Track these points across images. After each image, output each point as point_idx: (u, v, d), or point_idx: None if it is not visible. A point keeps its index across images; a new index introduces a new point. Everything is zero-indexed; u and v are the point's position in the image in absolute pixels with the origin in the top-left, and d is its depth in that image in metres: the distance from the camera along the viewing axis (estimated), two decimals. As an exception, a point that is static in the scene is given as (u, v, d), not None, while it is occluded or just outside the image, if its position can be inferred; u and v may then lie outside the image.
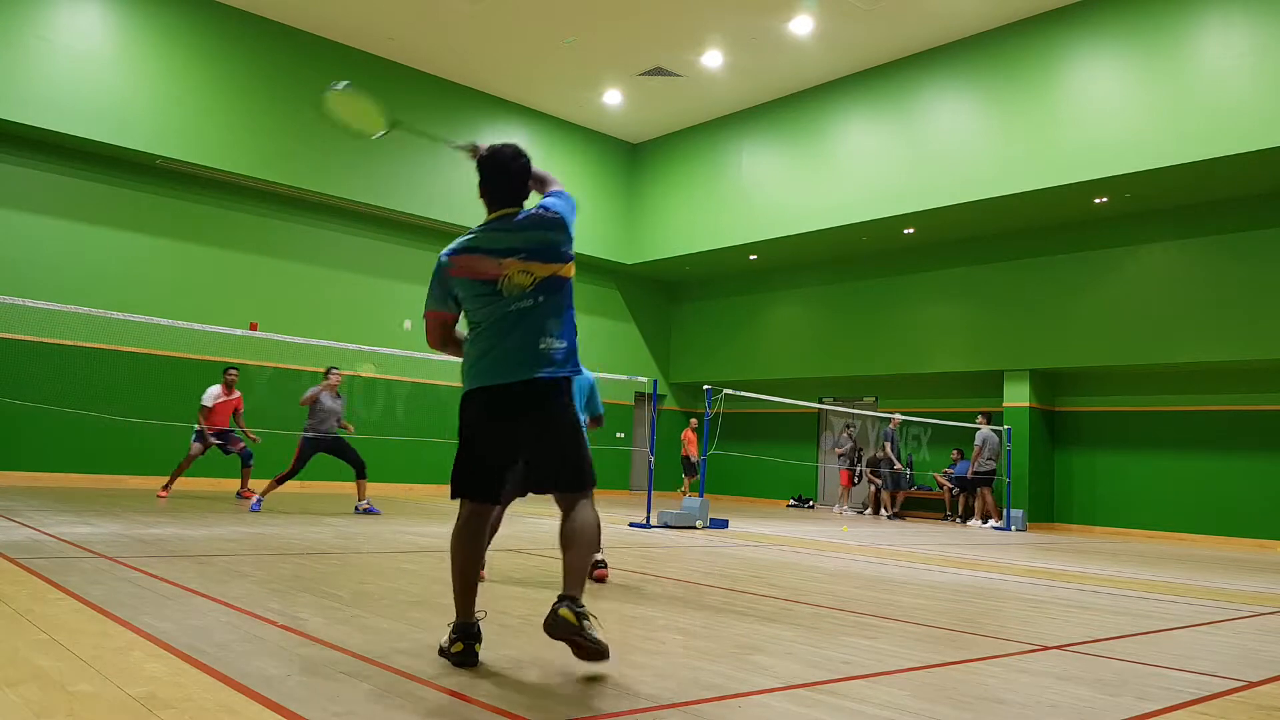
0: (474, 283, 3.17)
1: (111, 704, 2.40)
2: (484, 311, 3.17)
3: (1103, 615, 5.12)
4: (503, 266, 3.15)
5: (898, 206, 14.31)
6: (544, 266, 3.20)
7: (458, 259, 3.19)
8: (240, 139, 13.62)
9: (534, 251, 3.19)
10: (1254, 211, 12.66)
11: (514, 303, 3.15)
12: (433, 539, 7.52)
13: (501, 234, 3.21)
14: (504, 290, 3.15)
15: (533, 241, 3.20)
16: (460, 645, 3.07)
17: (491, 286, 3.16)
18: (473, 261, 3.17)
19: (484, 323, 3.18)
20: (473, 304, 3.20)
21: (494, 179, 3.32)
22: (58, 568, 4.73)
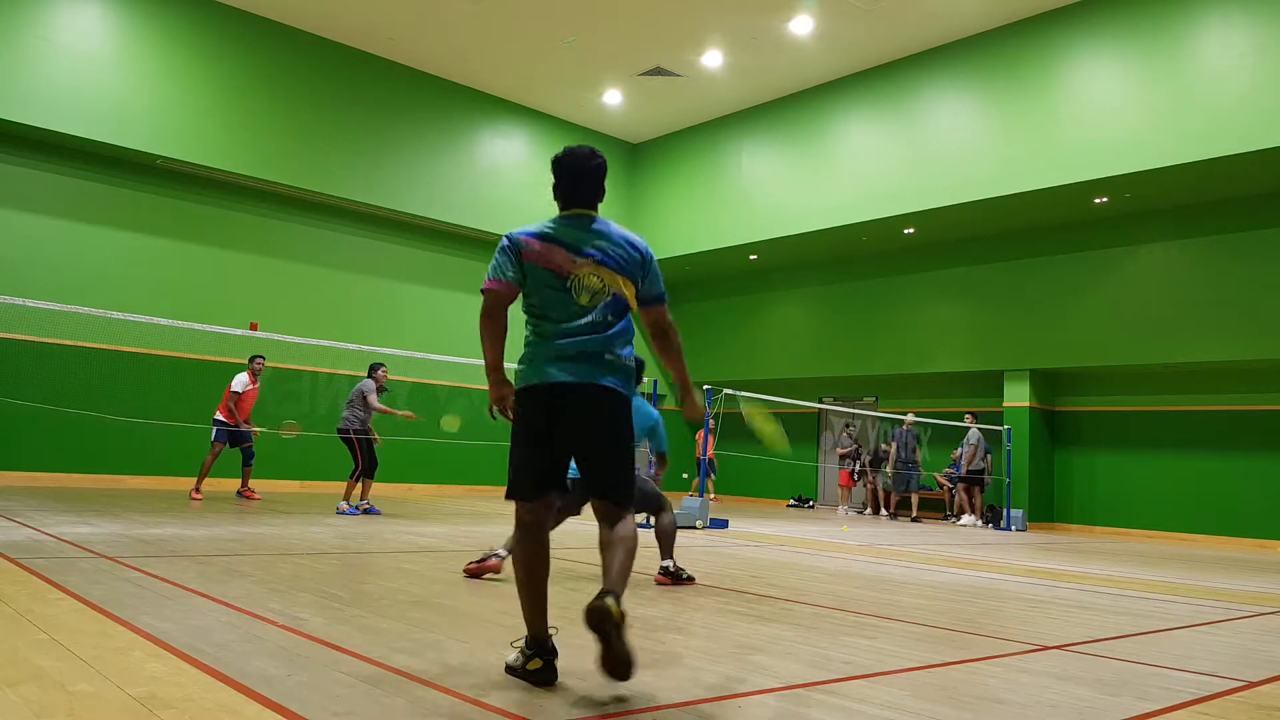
0: (546, 272, 3.11)
1: (111, 704, 2.40)
2: (547, 306, 3.12)
3: (1103, 615, 5.12)
4: (577, 265, 3.11)
5: (898, 206, 14.31)
6: (614, 276, 3.15)
7: (535, 243, 3.13)
8: (240, 139, 13.62)
9: (609, 261, 3.14)
10: (1254, 211, 12.66)
11: (584, 313, 3.11)
12: (433, 539, 7.53)
13: (580, 233, 3.16)
14: (572, 289, 3.11)
15: (612, 251, 3.16)
16: (539, 662, 2.95)
17: (562, 282, 3.11)
18: (550, 251, 3.12)
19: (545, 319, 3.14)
20: (539, 295, 3.13)
21: (569, 178, 3.24)
22: (58, 568, 4.73)
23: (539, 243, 3.13)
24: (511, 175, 16.83)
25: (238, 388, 10.79)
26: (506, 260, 3.14)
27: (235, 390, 10.77)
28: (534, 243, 3.13)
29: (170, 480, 12.96)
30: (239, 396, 10.76)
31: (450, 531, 8.31)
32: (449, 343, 15.69)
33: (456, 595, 4.58)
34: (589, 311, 3.11)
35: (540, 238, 3.14)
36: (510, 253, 3.14)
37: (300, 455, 13.75)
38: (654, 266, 3.28)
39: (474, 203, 16.18)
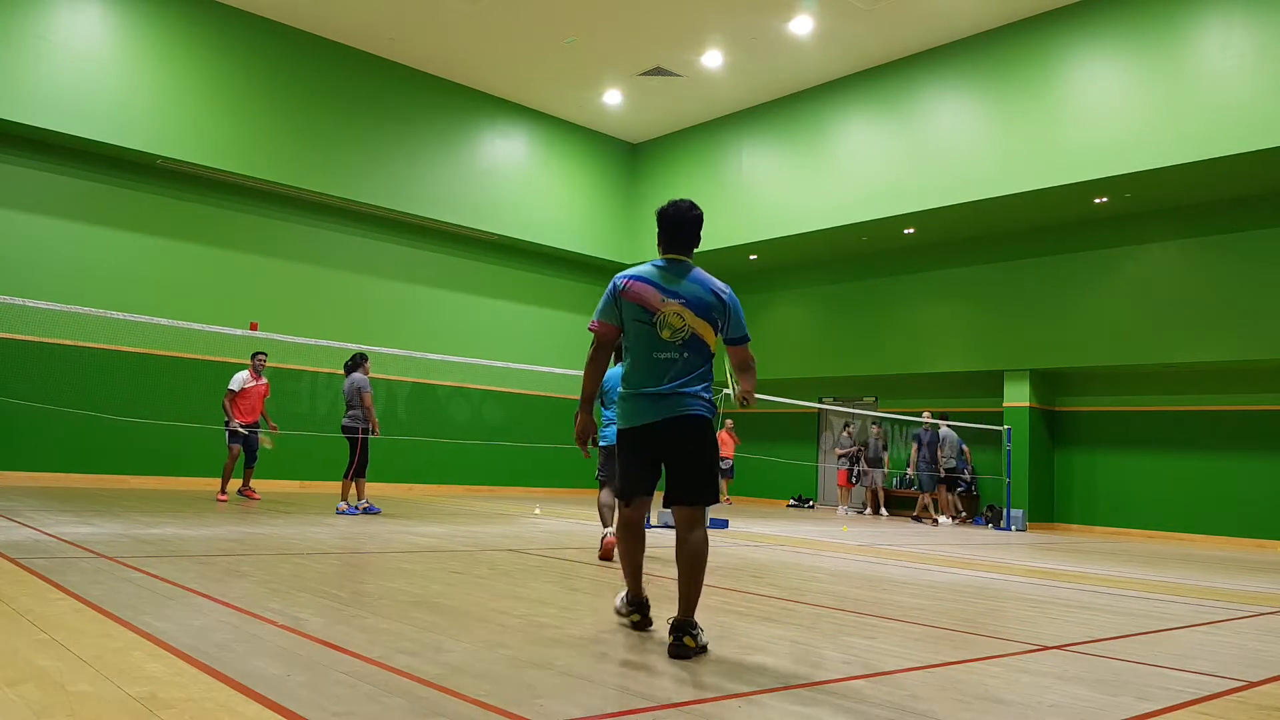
0: (637, 308, 3.64)
1: (111, 704, 2.40)
2: (636, 339, 3.65)
3: (1103, 615, 5.12)
4: (664, 304, 3.62)
5: (898, 206, 14.31)
6: (695, 318, 3.63)
7: (632, 284, 3.68)
8: (240, 139, 13.62)
9: (692, 303, 3.64)
10: (1254, 211, 12.66)
11: (665, 349, 3.61)
12: (433, 539, 7.52)
13: (672, 276, 3.70)
14: (657, 324, 3.61)
15: (695, 295, 3.66)
16: (637, 615, 3.87)
17: (649, 317, 3.61)
18: (643, 290, 3.65)
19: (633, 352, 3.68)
20: (631, 327, 3.66)
21: (671, 227, 3.80)
22: (58, 568, 4.73)
23: (636, 284, 3.68)
24: (511, 175, 16.83)
25: (235, 386, 10.80)
26: (609, 303, 3.72)
27: (232, 389, 10.79)
28: (631, 283, 3.69)
29: (170, 480, 12.97)
30: (235, 395, 10.76)
31: (450, 531, 8.31)
32: (449, 343, 15.70)
33: (456, 595, 4.58)
34: (670, 347, 3.60)
35: (637, 279, 3.70)
36: (612, 295, 3.72)
37: (300, 455, 13.75)
38: (735, 311, 3.75)
39: (474, 203, 16.18)
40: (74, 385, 12.15)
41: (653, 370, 3.60)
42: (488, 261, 16.97)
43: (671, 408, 3.56)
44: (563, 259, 18.06)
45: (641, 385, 3.61)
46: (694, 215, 3.82)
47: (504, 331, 16.92)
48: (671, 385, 3.58)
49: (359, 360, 10.31)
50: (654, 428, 3.58)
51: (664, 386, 3.57)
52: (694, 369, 3.61)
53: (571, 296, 18.31)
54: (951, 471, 14.81)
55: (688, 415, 3.56)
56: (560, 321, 17.98)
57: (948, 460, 14.80)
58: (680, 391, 3.57)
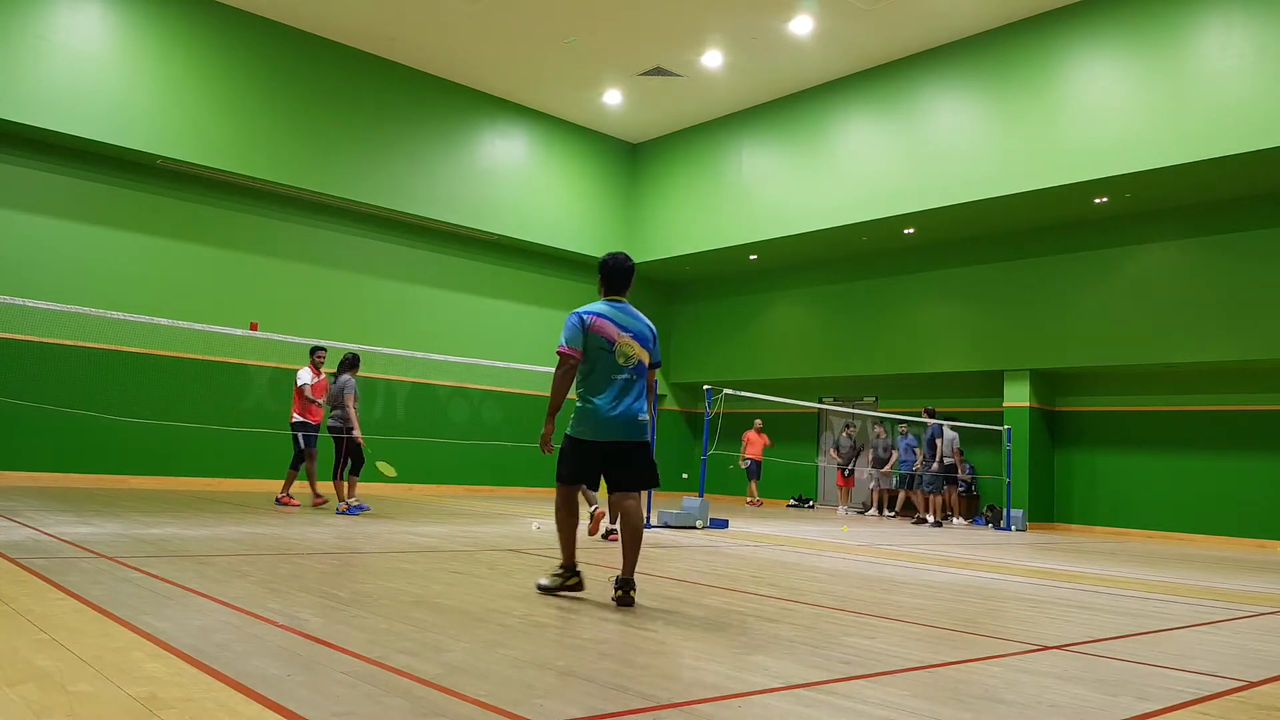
0: (600, 338, 4.63)
1: (111, 704, 2.40)
2: (598, 363, 4.62)
3: (1103, 615, 5.12)
4: (620, 336, 4.66)
5: (898, 206, 14.31)
6: (641, 350, 4.73)
7: (596, 319, 4.66)
8: (240, 139, 13.62)
9: (639, 336, 4.74)
10: (1254, 211, 12.66)
11: (621, 371, 4.64)
12: (433, 539, 7.52)
13: (624, 315, 4.76)
14: (616, 353, 4.63)
15: (638, 330, 4.77)
16: (575, 579, 4.74)
17: (610, 346, 4.63)
18: (605, 325, 4.66)
19: (594, 373, 4.63)
20: (594, 353, 4.62)
21: (612, 275, 4.84)
22: (58, 568, 4.73)
23: (598, 319, 4.66)
24: (511, 175, 16.83)
25: (306, 380, 10.37)
26: (577, 331, 4.62)
27: (305, 384, 10.36)
28: (595, 319, 4.66)
29: (170, 480, 12.97)
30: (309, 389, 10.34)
31: (450, 531, 8.31)
32: (450, 343, 15.70)
33: (456, 595, 4.58)
34: (625, 370, 4.64)
35: (599, 315, 4.68)
36: (580, 325, 4.63)
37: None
38: (658, 342, 4.86)
39: (474, 203, 16.18)
40: (74, 385, 12.15)
41: (613, 389, 4.61)
42: (488, 261, 16.97)
43: (629, 431, 4.61)
44: (563, 259, 18.06)
45: (605, 401, 4.59)
46: (630, 265, 4.87)
47: (504, 331, 16.92)
48: (627, 404, 4.61)
49: (350, 363, 10.19)
50: (609, 445, 4.61)
51: (622, 406, 4.60)
52: (641, 387, 4.71)
53: (571, 296, 18.29)
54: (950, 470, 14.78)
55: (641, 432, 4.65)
56: (560, 322, 17.94)
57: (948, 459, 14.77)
58: (634, 413, 4.64)
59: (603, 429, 4.59)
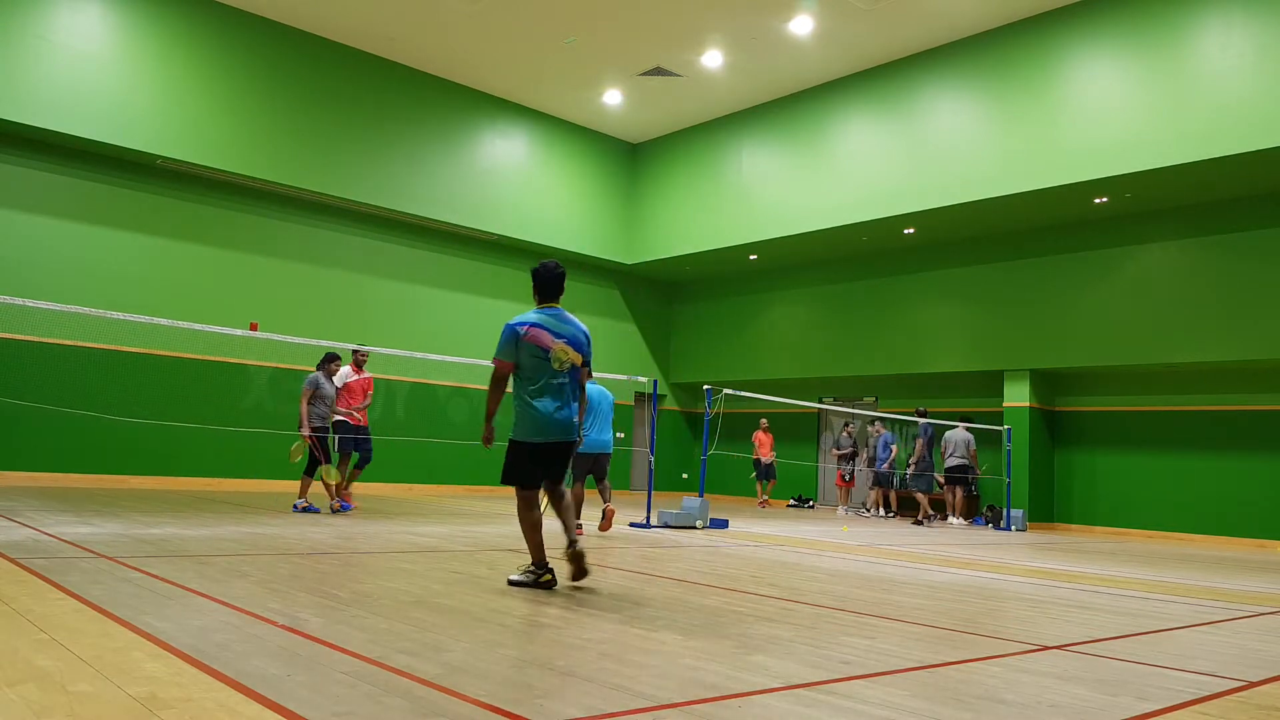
0: (534, 347, 4.91)
1: (111, 704, 2.40)
2: (535, 370, 4.92)
3: (1103, 615, 5.12)
4: (554, 343, 4.94)
5: (898, 206, 14.31)
6: (574, 354, 5.02)
7: (530, 329, 4.93)
8: (240, 139, 13.62)
9: (573, 341, 5.03)
10: (1254, 211, 12.66)
11: (557, 376, 4.95)
12: (433, 539, 7.52)
13: (557, 322, 5.02)
14: (552, 360, 4.92)
15: (572, 335, 5.04)
16: (547, 575, 4.95)
17: (545, 353, 4.91)
18: (539, 334, 4.93)
19: (533, 380, 4.93)
20: (529, 361, 4.92)
21: (547, 284, 5.11)
22: (58, 568, 4.73)
23: (533, 328, 4.92)
24: (511, 175, 16.83)
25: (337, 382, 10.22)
26: (510, 343, 4.93)
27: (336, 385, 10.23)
28: (529, 329, 4.92)
29: (170, 480, 12.97)
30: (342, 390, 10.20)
31: (450, 531, 8.31)
32: (450, 343, 15.70)
33: (456, 595, 4.58)
34: (560, 375, 4.95)
35: (533, 325, 4.94)
36: (513, 337, 4.92)
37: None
38: (590, 345, 5.20)
39: (474, 203, 16.19)
40: (74, 385, 12.15)
41: (551, 392, 4.93)
42: (488, 261, 16.97)
43: (566, 432, 4.99)
44: (563, 259, 18.06)
45: (546, 405, 4.91)
46: (560, 273, 5.15)
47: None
48: (566, 407, 4.97)
49: (322, 360, 9.94)
50: (553, 444, 4.97)
51: (563, 410, 4.95)
52: (574, 390, 5.06)
53: (571, 296, 18.29)
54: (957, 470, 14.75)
55: (573, 436, 5.04)
56: (560, 321, 17.96)
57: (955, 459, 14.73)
58: (571, 415, 5.01)
59: (546, 431, 4.92)
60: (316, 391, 9.72)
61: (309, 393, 9.70)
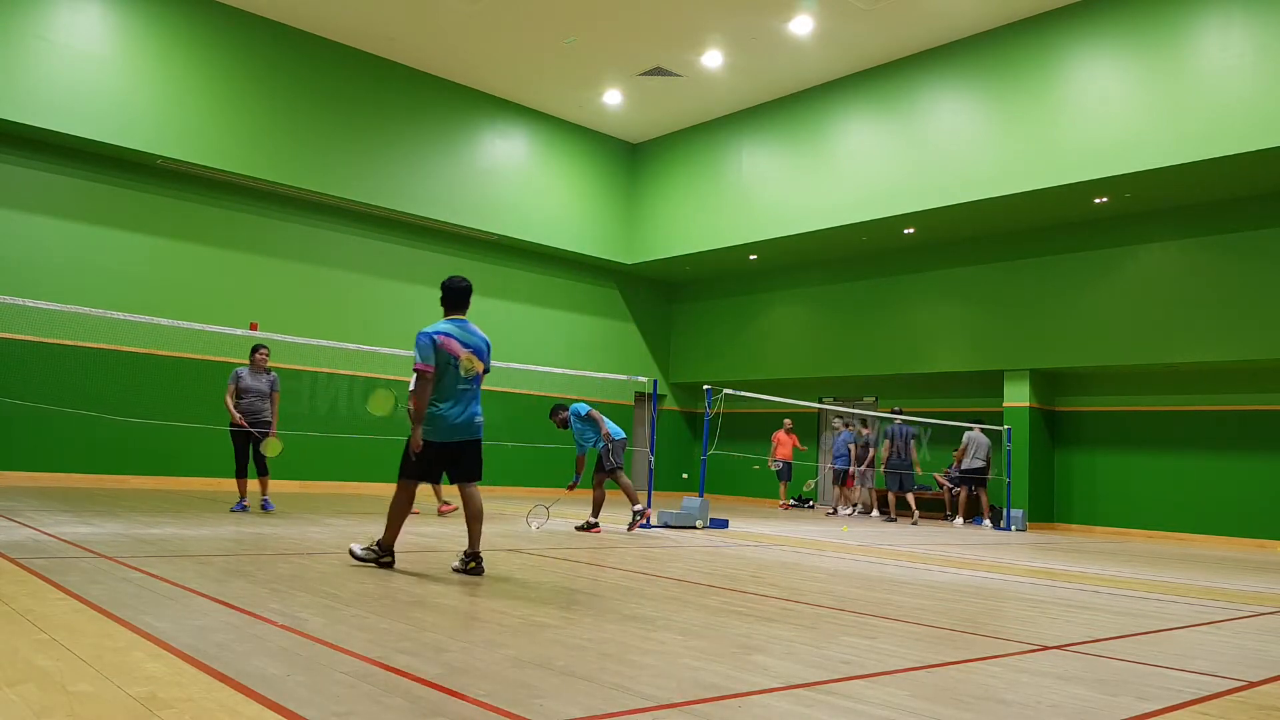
0: (446, 354, 5.39)
1: (111, 704, 2.40)
2: (444, 376, 5.40)
3: (1103, 615, 5.12)
4: (462, 352, 5.42)
5: (898, 206, 14.31)
6: (479, 363, 5.49)
7: (443, 338, 5.40)
8: (240, 139, 13.62)
9: (477, 351, 5.51)
10: (1254, 211, 12.66)
11: (463, 382, 5.43)
12: (432, 539, 7.53)
13: (464, 333, 5.51)
14: (461, 368, 5.39)
15: (476, 345, 5.53)
16: (389, 558, 5.49)
17: (454, 361, 5.39)
18: (450, 342, 5.41)
19: (442, 385, 5.39)
20: (441, 368, 5.39)
21: (452, 297, 5.59)
22: (58, 568, 4.73)
23: (445, 337, 5.40)
24: (511, 175, 16.83)
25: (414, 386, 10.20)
26: (431, 350, 5.37)
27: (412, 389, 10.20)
28: (443, 338, 5.39)
29: (170, 480, 12.97)
30: None
31: (450, 531, 8.31)
32: (449, 343, 15.68)
33: (456, 595, 4.58)
34: (466, 381, 5.44)
35: (445, 334, 5.41)
36: (433, 344, 5.37)
37: (300, 455, 13.74)
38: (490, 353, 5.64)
39: (474, 203, 16.18)
40: (74, 385, 12.15)
41: (458, 397, 5.40)
42: (488, 261, 16.97)
43: (469, 432, 5.45)
44: (563, 259, 18.06)
45: (451, 409, 5.37)
46: (467, 286, 5.64)
47: (504, 331, 16.91)
48: (469, 410, 5.44)
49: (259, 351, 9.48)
50: (459, 443, 5.42)
51: (466, 413, 5.41)
52: (478, 394, 5.55)
53: (571, 296, 18.30)
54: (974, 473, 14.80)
55: (478, 433, 5.50)
56: (560, 321, 17.99)
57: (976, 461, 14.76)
58: (473, 416, 5.47)
59: (449, 432, 5.37)
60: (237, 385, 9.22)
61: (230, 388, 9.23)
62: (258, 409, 9.26)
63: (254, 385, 9.31)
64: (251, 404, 9.23)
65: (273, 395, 9.41)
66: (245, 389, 9.25)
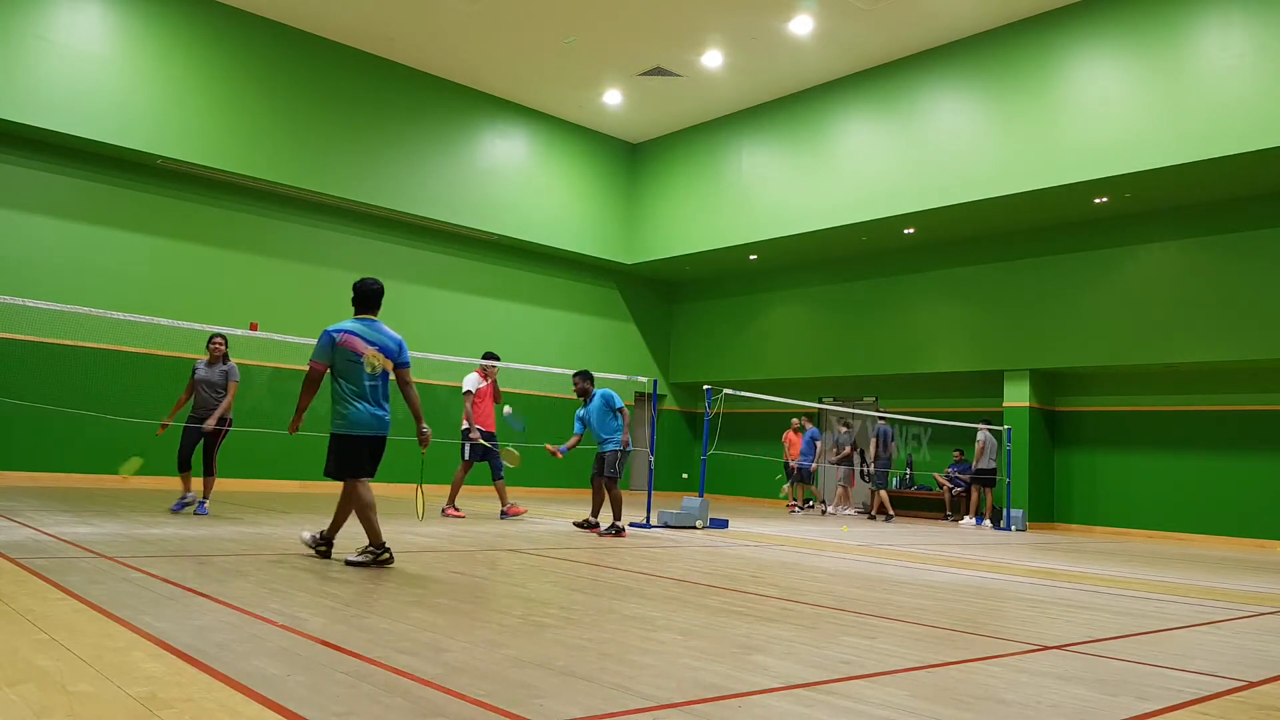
0: (349, 351, 5.59)
1: (111, 704, 2.40)
2: (351, 373, 5.59)
3: (1103, 615, 5.12)
4: (367, 350, 5.63)
5: (898, 206, 14.31)
6: (386, 361, 5.72)
7: (345, 336, 5.59)
8: (240, 139, 13.62)
9: (384, 349, 5.73)
10: (1254, 211, 12.66)
11: (370, 379, 5.64)
12: (433, 539, 7.53)
13: (370, 331, 5.71)
14: (365, 364, 5.61)
15: (382, 343, 5.74)
16: (386, 554, 5.53)
17: (358, 358, 5.59)
18: (352, 340, 5.61)
19: (350, 382, 5.60)
20: (345, 365, 5.60)
21: (363, 298, 5.79)
22: (58, 568, 4.73)
23: (348, 335, 5.59)
24: (511, 175, 16.83)
25: (470, 387, 9.96)
26: (326, 348, 5.59)
27: (469, 390, 9.99)
28: (344, 336, 5.59)
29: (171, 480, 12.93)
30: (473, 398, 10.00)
31: (450, 531, 8.31)
32: (450, 343, 15.70)
33: (456, 595, 4.58)
34: (373, 377, 5.64)
35: (348, 332, 5.61)
36: (330, 343, 5.59)
37: (299, 455, 13.74)
38: (405, 350, 5.88)
39: (474, 203, 16.18)
40: (74, 385, 12.14)
41: (364, 393, 5.60)
42: (488, 261, 16.97)
43: (381, 426, 5.68)
44: (563, 259, 18.06)
45: (362, 404, 5.58)
46: (378, 288, 5.85)
47: (504, 331, 16.92)
48: (380, 407, 5.67)
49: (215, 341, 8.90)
50: (373, 438, 5.65)
51: (376, 408, 5.64)
52: (386, 391, 5.74)
53: (571, 296, 18.30)
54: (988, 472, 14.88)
55: (387, 429, 5.72)
56: (560, 321, 17.98)
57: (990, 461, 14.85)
58: (383, 413, 5.70)
59: (364, 427, 5.58)
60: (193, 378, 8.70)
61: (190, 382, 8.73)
62: (211, 403, 8.59)
63: (207, 377, 8.67)
64: (205, 398, 8.60)
65: (229, 386, 8.72)
66: (199, 381, 8.64)
